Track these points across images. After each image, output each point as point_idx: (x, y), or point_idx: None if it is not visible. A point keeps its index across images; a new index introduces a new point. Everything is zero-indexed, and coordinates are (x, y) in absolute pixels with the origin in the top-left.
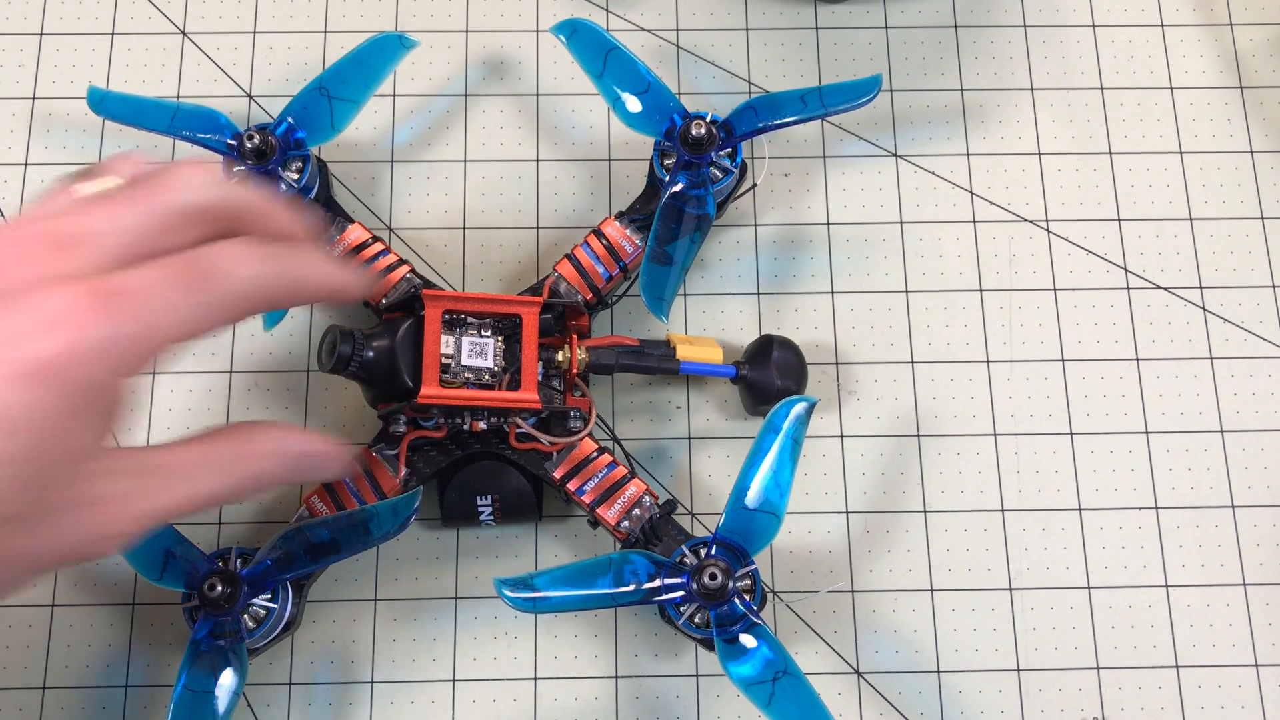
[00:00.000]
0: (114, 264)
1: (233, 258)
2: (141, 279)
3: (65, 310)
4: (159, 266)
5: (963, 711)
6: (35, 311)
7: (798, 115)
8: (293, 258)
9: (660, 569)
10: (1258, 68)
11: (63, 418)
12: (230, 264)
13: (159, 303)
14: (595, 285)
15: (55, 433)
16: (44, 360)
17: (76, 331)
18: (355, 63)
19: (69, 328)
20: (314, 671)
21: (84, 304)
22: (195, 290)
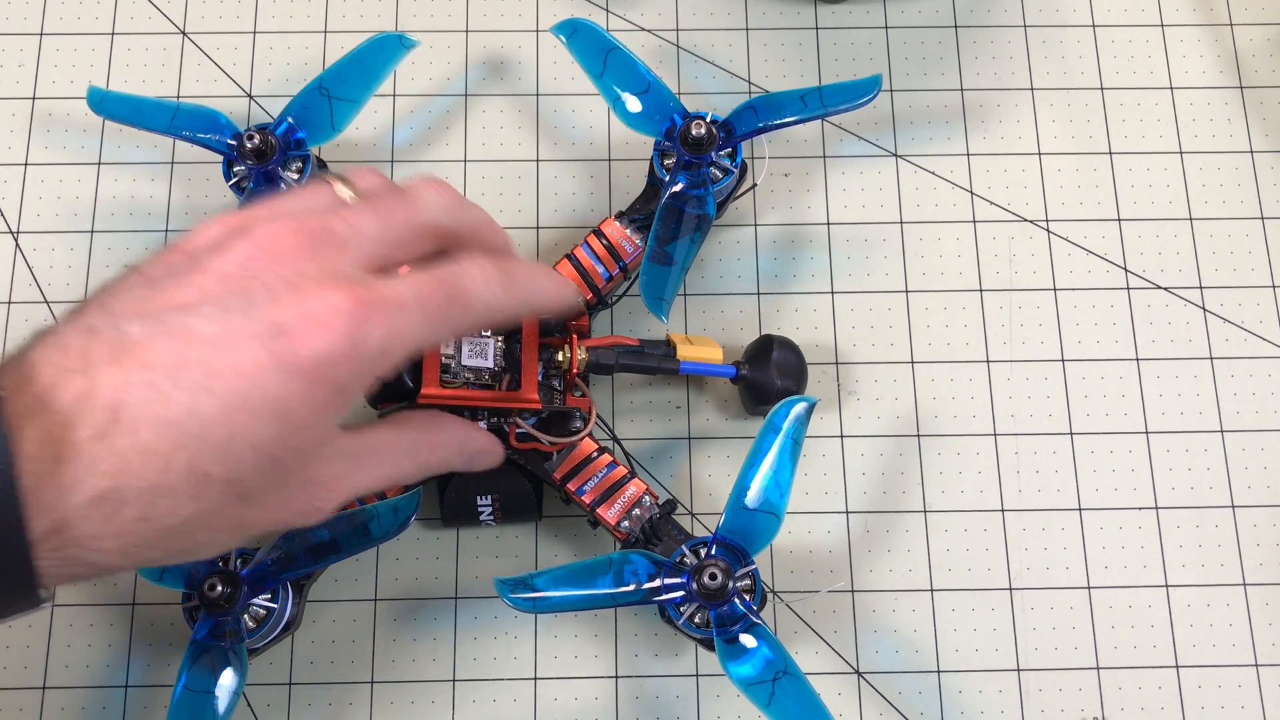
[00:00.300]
0: (368, 268)
1: (476, 280)
2: (402, 293)
3: (335, 313)
4: (416, 283)
5: (963, 711)
6: (307, 308)
7: (798, 115)
8: (522, 278)
9: (660, 569)
10: (1258, 68)
11: (313, 411)
12: (475, 287)
13: (412, 317)
14: (595, 285)
15: (303, 424)
16: (310, 357)
17: (342, 336)
18: (355, 63)
19: (336, 332)
20: (314, 671)
21: (352, 310)
22: (444, 310)
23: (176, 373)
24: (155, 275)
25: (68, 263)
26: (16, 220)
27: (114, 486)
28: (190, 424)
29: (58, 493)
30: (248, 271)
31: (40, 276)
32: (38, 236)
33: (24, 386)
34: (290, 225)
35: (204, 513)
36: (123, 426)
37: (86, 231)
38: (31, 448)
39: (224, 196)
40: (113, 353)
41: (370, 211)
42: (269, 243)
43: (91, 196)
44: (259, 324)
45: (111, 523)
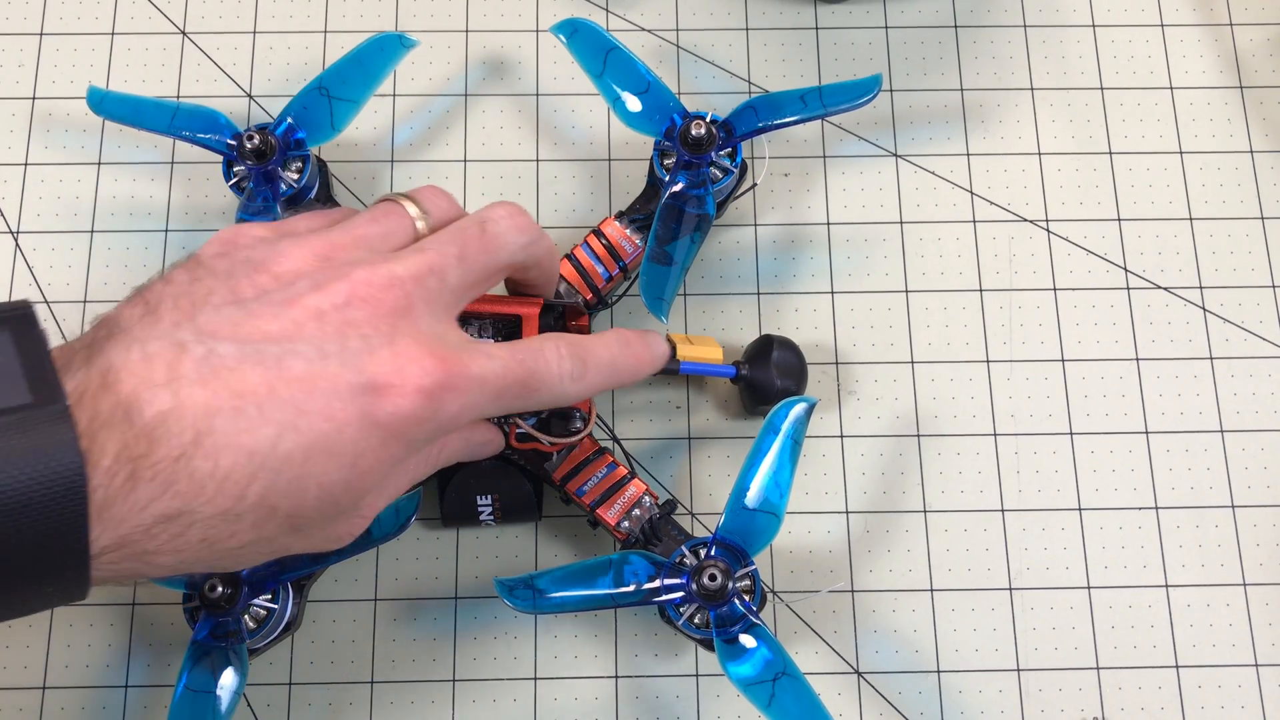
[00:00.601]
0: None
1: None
2: (486, 369)
3: (425, 377)
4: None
5: (963, 711)
6: (400, 368)
7: (798, 115)
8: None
9: (660, 570)
10: (1258, 68)
11: (383, 463)
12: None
13: (488, 394)
14: (595, 285)
15: (372, 472)
16: (394, 415)
17: (426, 401)
18: (355, 63)
19: (422, 396)
20: (314, 671)
21: (439, 378)
22: (516, 394)
23: (265, 405)
24: (242, 294)
25: (68, 263)
26: (16, 220)
27: (185, 509)
28: (270, 458)
29: (127, 510)
30: (345, 318)
31: (40, 276)
32: (38, 236)
33: (103, 392)
34: (383, 272)
35: (260, 539)
36: (204, 450)
37: (86, 231)
38: (107, 459)
39: (224, 196)
40: (201, 373)
41: (454, 255)
42: (365, 291)
43: (91, 196)
44: (353, 374)
45: (174, 542)
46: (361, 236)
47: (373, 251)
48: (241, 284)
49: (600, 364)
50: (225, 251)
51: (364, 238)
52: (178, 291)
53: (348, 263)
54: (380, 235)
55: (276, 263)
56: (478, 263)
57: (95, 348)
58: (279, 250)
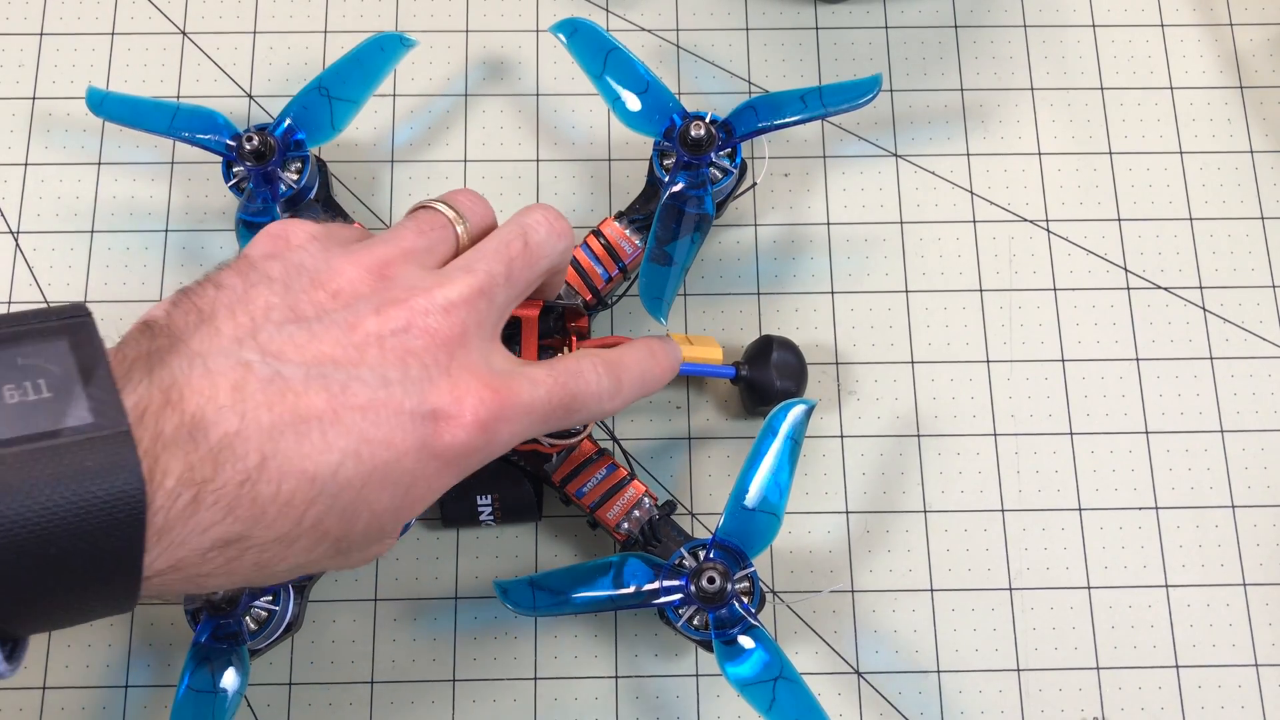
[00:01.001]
0: (496, 338)
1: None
2: (536, 397)
3: (482, 408)
4: (546, 389)
5: (963, 711)
6: (459, 399)
7: (798, 115)
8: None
9: (659, 572)
10: (1258, 68)
11: (434, 490)
12: (589, 392)
13: (535, 419)
14: (595, 286)
15: (422, 500)
16: (451, 445)
17: (481, 431)
18: (355, 63)
19: (478, 427)
20: (314, 672)
21: (494, 409)
22: (559, 416)
23: (329, 430)
24: (305, 315)
25: (68, 263)
26: (16, 220)
27: (244, 534)
28: (330, 484)
29: (187, 533)
30: (405, 345)
31: (40, 276)
32: (38, 236)
33: (166, 410)
34: (438, 299)
35: (306, 562)
36: (268, 474)
37: (86, 231)
38: (170, 481)
39: (224, 197)
40: (268, 395)
41: (501, 274)
42: (423, 321)
43: (91, 196)
44: (415, 403)
45: (228, 565)
46: (409, 250)
47: (422, 268)
48: (300, 300)
49: (633, 379)
50: (275, 253)
51: (412, 252)
52: (233, 300)
53: (404, 286)
54: (426, 248)
55: (331, 278)
56: (521, 278)
57: (155, 360)
58: (333, 265)
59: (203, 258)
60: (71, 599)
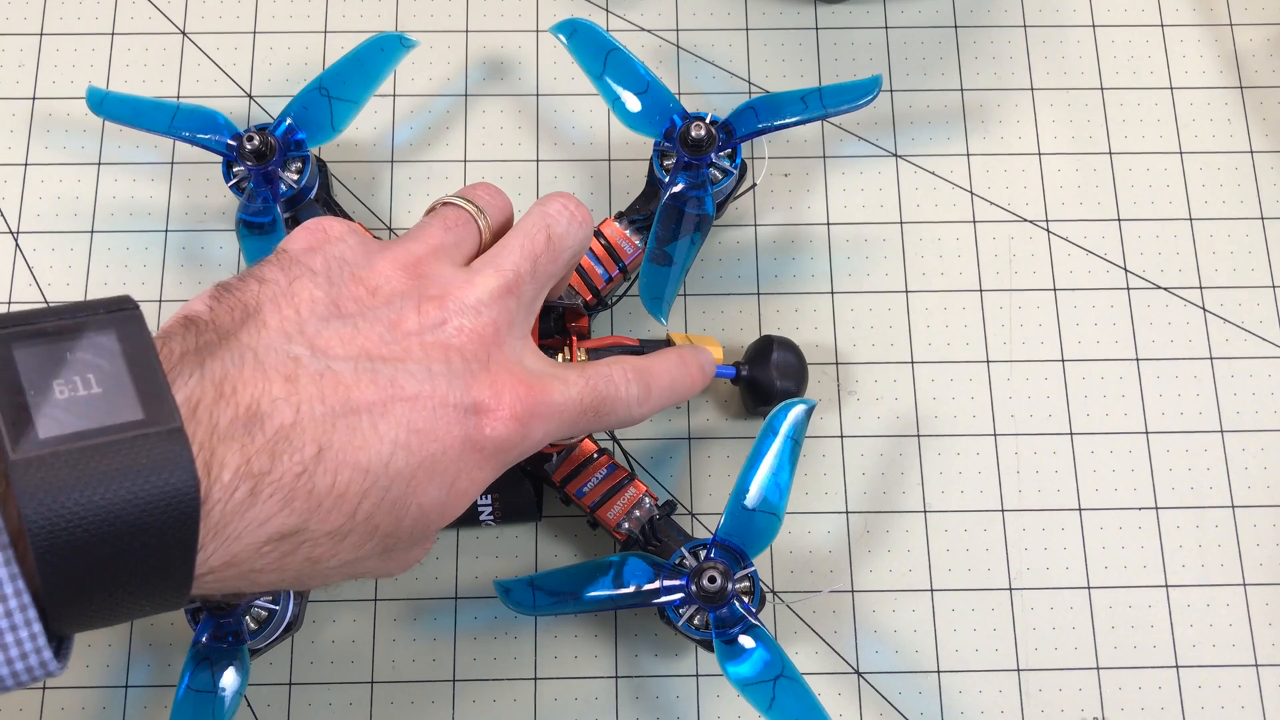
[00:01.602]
0: (530, 325)
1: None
2: (570, 398)
3: (520, 404)
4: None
5: (963, 711)
6: (500, 394)
7: (798, 116)
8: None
9: (659, 571)
10: (1258, 68)
11: (474, 485)
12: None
13: (566, 419)
14: (595, 286)
15: (465, 495)
16: (492, 439)
17: (519, 426)
18: (355, 63)
19: (517, 421)
20: (314, 672)
21: (530, 406)
22: (590, 420)
23: (379, 422)
24: (348, 311)
25: (68, 263)
26: (16, 220)
27: (300, 526)
28: (383, 475)
29: (244, 527)
30: (445, 341)
31: (40, 276)
32: (38, 236)
33: (219, 403)
34: (474, 301)
35: (354, 560)
36: (324, 465)
37: (86, 231)
38: (227, 474)
39: (224, 197)
40: (320, 389)
41: (530, 276)
42: (459, 319)
43: (91, 196)
44: (459, 395)
45: (281, 560)
46: (439, 246)
47: (452, 264)
48: (342, 295)
49: (662, 387)
50: (315, 246)
51: (441, 248)
52: (276, 293)
53: (439, 284)
54: (454, 244)
55: (369, 275)
56: (546, 273)
57: (205, 353)
58: (371, 261)
59: (203, 258)
60: (122, 597)
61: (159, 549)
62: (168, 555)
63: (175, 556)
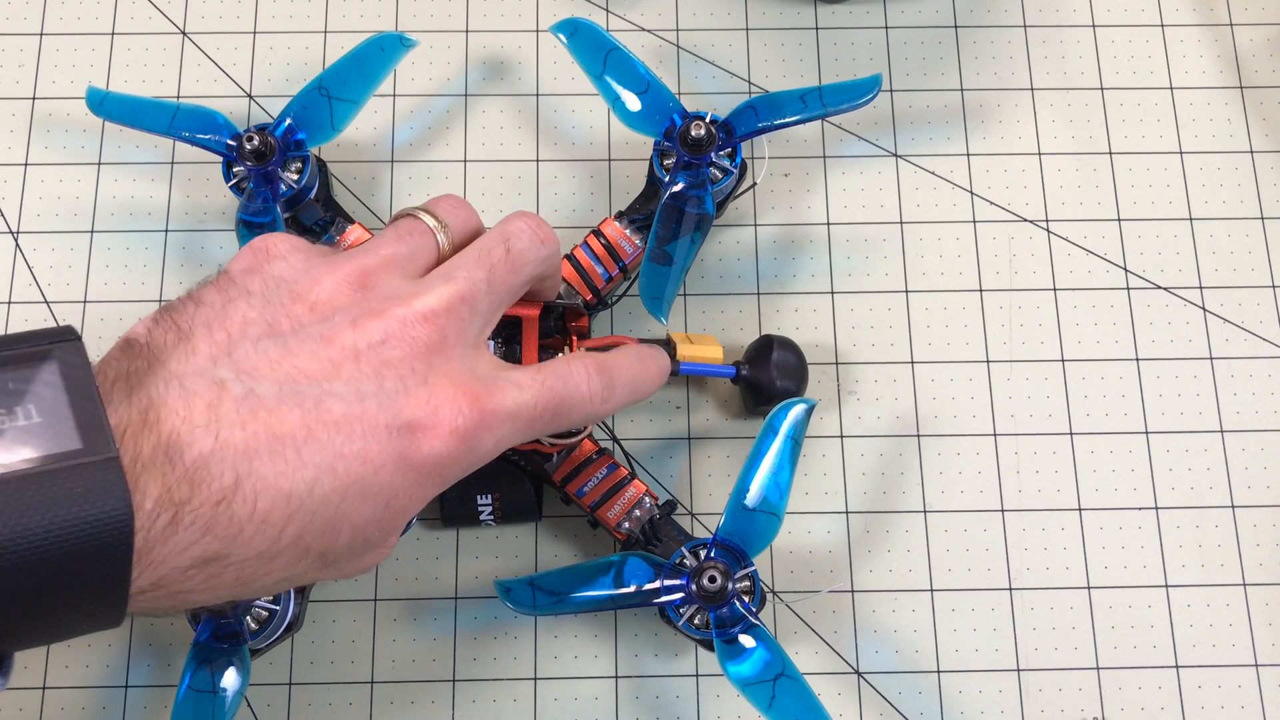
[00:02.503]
0: (479, 345)
1: (581, 388)
2: (521, 403)
3: (459, 417)
4: (533, 394)
5: (963, 711)
6: (436, 409)
7: (798, 115)
8: (620, 377)
9: (660, 571)
10: (1258, 68)
11: (416, 501)
12: (579, 396)
13: (520, 425)
14: (595, 286)
15: (405, 511)
16: (429, 456)
17: (460, 440)
18: (355, 63)
19: (457, 436)
20: (314, 672)
21: (473, 417)
22: (548, 422)
23: (303, 447)
24: (279, 326)
25: (68, 263)
26: (16, 220)
27: (223, 552)
28: (308, 500)
29: (167, 553)
30: (382, 357)
31: (40, 276)
32: (38, 236)
33: (144, 431)
34: (417, 308)
35: (289, 575)
36: (243, 494)
37: (86, 231)
38: (149, 503)
39: (224, 197)
40: (241, 414)
41: (482, 281)
42: (400, 330)
43: (91, 196)
44: (390, 415)
45: (210, 581)
46: (390, 258)
47: (403, 276)
48: (278, 314)
49: (625, 382)
50: (254, 267)
51: (392, 260)
52: (210, 316)
53: (383, 296)
54: (407, 256)
55: (310, 290)
56: (504, 284)
57: (134, 380)
58: (312, 275)
59: (203, 258)
60: (60, 618)
61: (94, 573)
62: (103, 579)
63: (110, 580)
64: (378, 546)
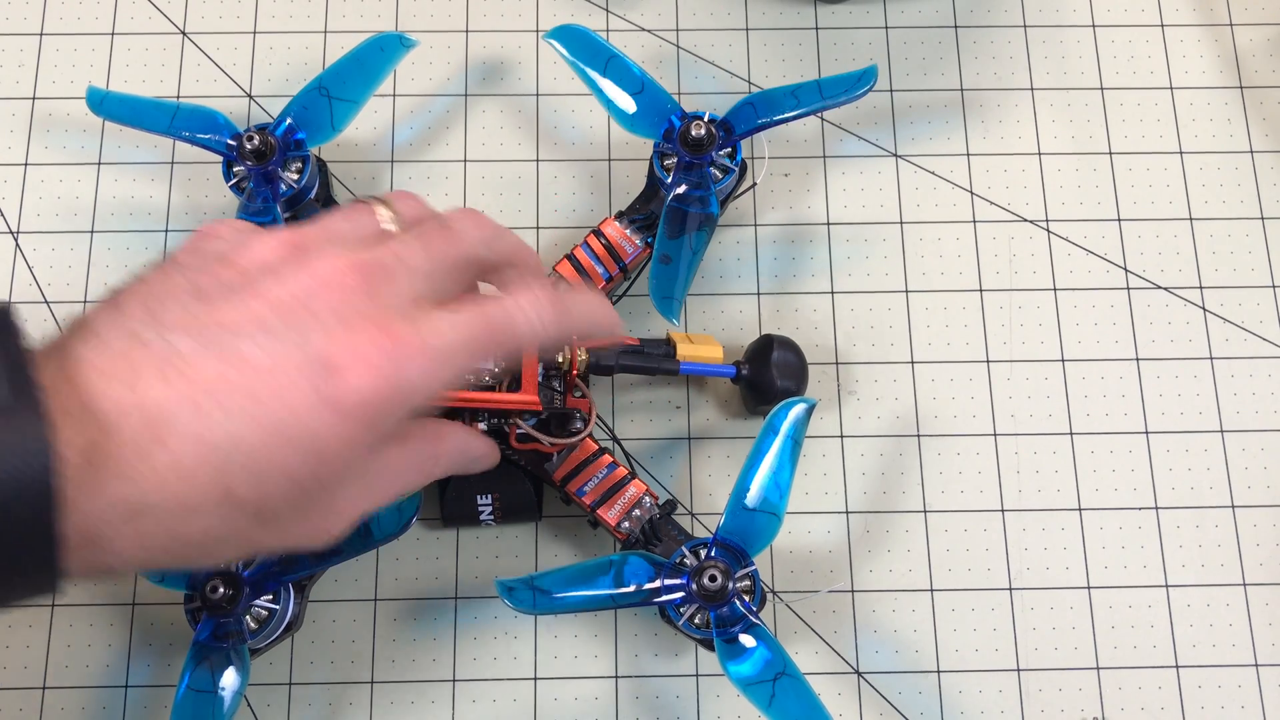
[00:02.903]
0: (415, 304)
1: (527, 313)
2: (448, 336)
3: (382, 355)
4: (464, 324)
5: (963, 711)
6: (356, 347)
7: (796, 110)
8: (576, 306)
9: (660, 570)
10: (1258, 68)
11: (346, 446)
12: (523, 320)
13: (458, 356)
14: (595, 285)
15: (337, 459)
16: (352, 397)
17: (385, 378)
18: (355, 63)
19: (381, 374)
20: (314, 671)
21: (397, 353)
22: (489, 349)
23: (221, 395)
24: (206, 288)
25: (68, 263)
26: (16, 220)
27: (146, 502)
28: (229, 448)
29: (91, 505)
30: (302, 302)
31: (40, 276)
32: (38, 236)
33: (66, 386)
34: (346, 259)
35: (226, 532)
36: (163, 443)
37: (86, 231)
38: (70, 452)
39: (224, 197)
40: (160, 367)
41: (417, 244)
42: (325, 275)
43: (91, 196)
44: (308, 357)
45: (138, 534)
46: (328, 228)
47: (343, 244)
48: (207, 278)
49: (581, 314)
50: (194, 247)
51: (332, 231)
52: (145, 288)
53: (314, 255)
54: (350, 229)
55: (242, 256)
56: (439, 250)
57: (64, 342)
58: (245, 244)
59: None
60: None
61: (21, 523)
62: (30, 529)
63: (37, 530)
64: (322, 508)
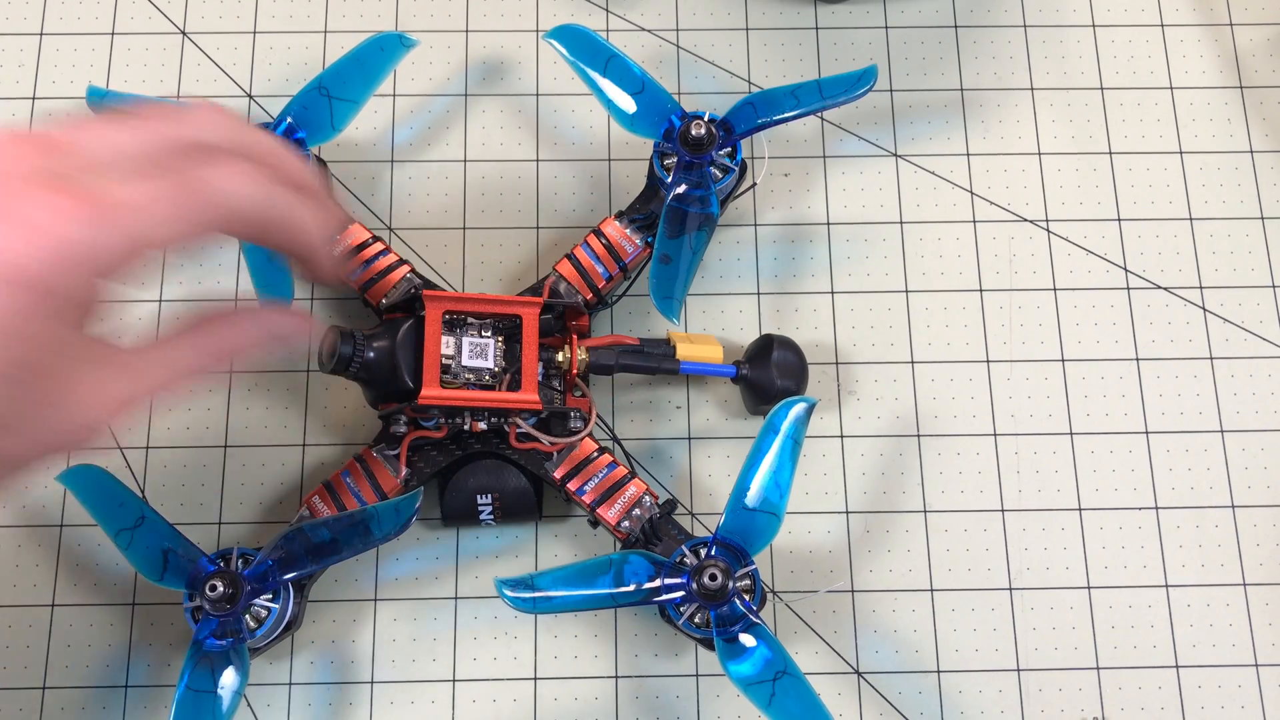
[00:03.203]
0: (97, 172)
1: (226, 176)
2: (129, 193)
3: (50, 218)
4: (155, 185)
5: (963, 711)
6: (19, 217)
7: (796, 109)
8: (285, 197)
9: (660, 569)
10: (1258, 68)
11: (38, 321)
12: (222, 181)
13: (144, 215)
14: (595, 285)
15: (30, 335)
16: (24, 267)
17: (60, 241)
18: (355, 63)
19: (51, 236)
20: (314, 671)
21: (69, 214)
22: (182, 204)
23: None
24: None
25: None
26: None
27: None
28: None
29: None
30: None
31: None
32: None
33: None
34: (23, 135)
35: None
36: None
37: None
38: None
39: None
40: None
41: (118, 126)
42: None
43: None
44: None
45: None
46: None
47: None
48: None
49: (300, 183)
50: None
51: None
52: None
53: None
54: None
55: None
56: (148, 130)
57: None
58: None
59: (202, 257)
60: None
61: None
62: None
63: None
64: (56, 397)
